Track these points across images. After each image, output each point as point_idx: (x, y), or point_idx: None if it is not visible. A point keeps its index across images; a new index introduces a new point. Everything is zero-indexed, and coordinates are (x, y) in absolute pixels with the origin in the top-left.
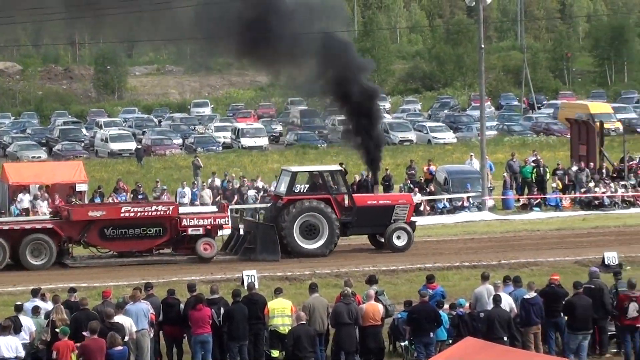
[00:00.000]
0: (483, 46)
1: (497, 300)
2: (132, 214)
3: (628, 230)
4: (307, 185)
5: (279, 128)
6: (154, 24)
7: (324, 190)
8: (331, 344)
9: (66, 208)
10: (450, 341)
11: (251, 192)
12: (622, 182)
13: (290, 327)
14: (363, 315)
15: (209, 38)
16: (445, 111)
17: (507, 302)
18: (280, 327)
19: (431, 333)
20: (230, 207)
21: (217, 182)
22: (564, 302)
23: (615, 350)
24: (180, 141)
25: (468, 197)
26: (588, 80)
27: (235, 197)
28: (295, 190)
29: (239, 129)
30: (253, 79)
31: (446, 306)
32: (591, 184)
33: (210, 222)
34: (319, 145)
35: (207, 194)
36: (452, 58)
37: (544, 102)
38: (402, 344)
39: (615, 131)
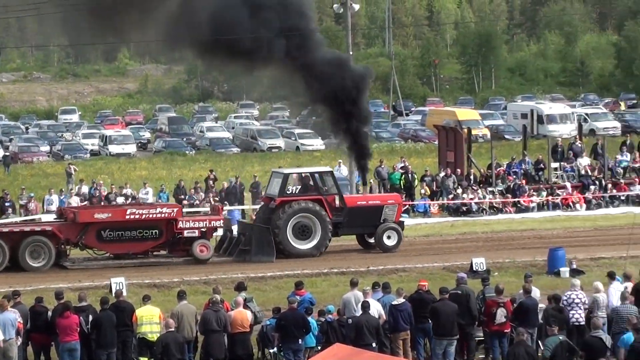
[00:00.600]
0: (351, 53)
1: (365, 306)
2: (137, 216)
3: (496, 237)
4: (299, 187)
5: (147, 135)
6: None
7: (316, 191)
8: (200, 351)
9: (72, 210)
10: (319, 348)
11: (120, 200)
12: (490, 189)
13: (158, 335)
14: (231, 322)
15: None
16: (314, 118)
17: (376, 309)
18: (148, 334)
19: (300, 340)
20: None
21: (85, 189)
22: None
23: (483, 356)
24: (47, 148)
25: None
26: (456, 87)
27: (102, 204)
28: (288, 192)
29: (106, 136)
30: (121, 85)
31: (315, 313)
32: (459, 190)
33: (206, 224)
34: (187, 152)
35: (75, 201)
36: None
37: (412, 109)
38: (271, 350)
39: (483, 138)
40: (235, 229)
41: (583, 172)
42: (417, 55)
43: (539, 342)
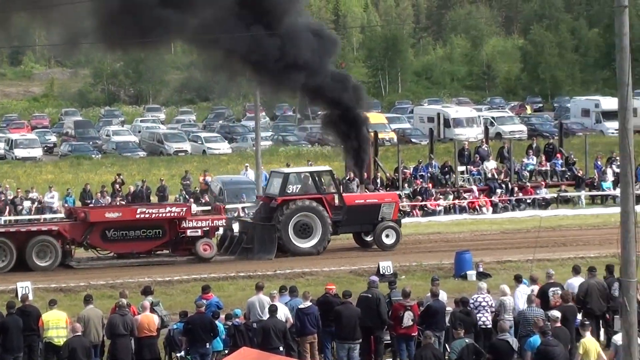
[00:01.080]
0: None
1: (272, 310)
2: (147, 215)
3: (402, 240)
4: (299, 186)
5: (53, 139)
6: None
7: (315, 190)
8: (107, 356)
9: (83, 210)
10: (227, 351)
11: (26, 204)
12: (397, 192)
13: (65, 339)
14: (138, 326)
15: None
16: (220, 122)
17: (283, 312)
18: (55, 338)
19: (207, 344)
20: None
21: None
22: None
23: (390, 359)
24: None
25: (243, 208)
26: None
27: (8, 208)
28: (288, 191)
29: (12, 140)
30: (26, 89)
31: (222, 316)
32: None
33: (208, 223)
34: (93, 156)
35: None
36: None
37: (319, 113)
38: (178, 354)
39: (390, 141)
40: (235, 227)
41: (489, 175)
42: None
43: (446, 345)
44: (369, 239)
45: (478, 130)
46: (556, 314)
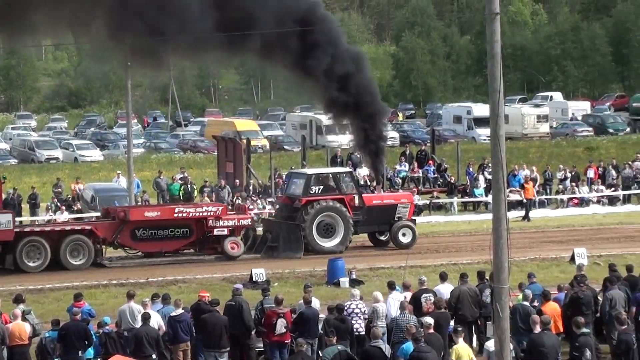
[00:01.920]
0: (130, 63)
1: (145, 317)
2: (184, 215)
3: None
4: (321, 187)
5: None
6: None
7: (337, 191)
8: None
9: (123, 209)
10: (99, 359)
11: None
12: (270, 199)
13: None
14: (9, 334)
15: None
16: (92, 129)
17: (156, 320)
18: None
19: (80, 351)
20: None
21: None
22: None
23: None
24: None
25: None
26: (235, 98)
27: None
28: (311, 192)
29: None
30: None
31: (94, 324)
32: (238, 201)
33: (234, 222)
34: None
35: None
36: (98, 76)
37: (191, 120)
38: None
39: (262, 148)
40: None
41: (362, 182)
42: (197, 65)
43: (319, 352)
44: (383, 238)
45: (350, 137)
46: (429, 320)
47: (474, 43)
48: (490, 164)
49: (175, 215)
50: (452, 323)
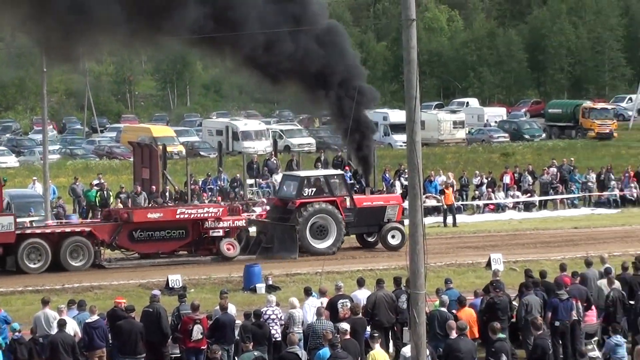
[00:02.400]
0: (45, 70)
1: (61, 324)
2: (186, 216)
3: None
4: (314, 189)
5: None
6: None
7: (329, 193)
8: None
9: (126, 210)
10: None
11: None
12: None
13: None
14: None
15: None
16: (7, 135)
17: (72, 326)
18: None
19: None
20: None
21: None
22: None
23: None
24: None
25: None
26: (151, 104)
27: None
28: (304, 194)
29: None
30: None
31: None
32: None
33: (229, 224)
34: None
35: None
36: (14, 82)
37: (107, 126)
38: None
39: (178, 154)
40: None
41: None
42: (111, 71)
43: (236, 358)
44: (371, 239)
45: (267, 143)
46: (345, 326)
47: (390, 49)
48: (406, 170)
49: (177, 216)
50: (368, 329)
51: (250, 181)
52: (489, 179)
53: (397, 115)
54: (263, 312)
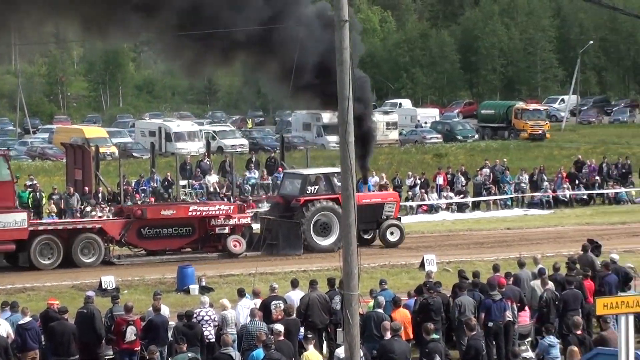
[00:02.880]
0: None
1: None
2: (198, 213)
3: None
4: (316, 187)
5: None
6: None
7: (331, 190)
8: None
9: (140, 207)
10: None
11: None
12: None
13: None
14: None
15: None
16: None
17: (4, 328)
18: None
19: None
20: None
21: None
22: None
23: None
24: None
25: None
26: (83, 105)
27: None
28: (307, 192)
29: None
30: None
31: None
32: (88, 208)
33: (235, 221)
34: None
35: None
36: None
37: (40, 127)
38: None
39: (111, 155)
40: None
41: (211, 189)
42: (44, 72)
43: (169, 359)
44: (368, 237)
45: (200, 144)
46: (279, 327)
47: None
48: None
49: (190, 213)
50: (302, 330)
51: (183, 182)
52: (422, 180)
53: (330, 116)
54: (196, 313)
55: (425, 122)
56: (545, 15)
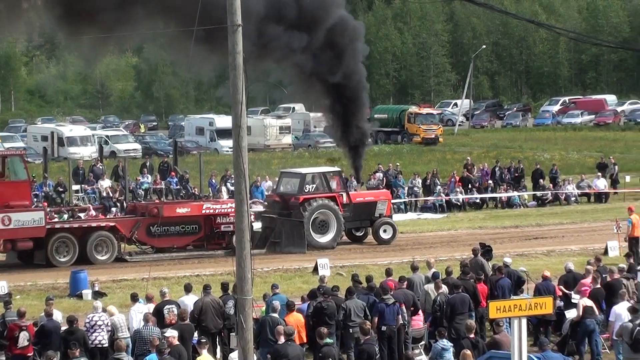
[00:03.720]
0: None
1: None
2: (211, 211)
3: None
4: (314, 186)
5: None
6: None
7: (327, 189)
8: None
9: (156, 205)
10: None
11: None
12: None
13: None
14: None
15: None
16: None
17: None
18: None
19: None
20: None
21: None
22: None
23: None
24: None
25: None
26: None
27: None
28: (305, 190)
29: None
30: None
31: None
32: None
33: None
34: None
35: None
36: None
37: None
38: None
39: None
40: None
41: (104, 194)
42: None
43: None
44: (359, 234)
45: (92, 148)
46: (173, 332)
47: (215, 54)
48: (233, 175)
49: (204, 211)
50: (196, 335)
51: (75, 187)
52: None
53: (224, 121)
54: (89, 318)
55: (315, 127)
56: (438, 19)
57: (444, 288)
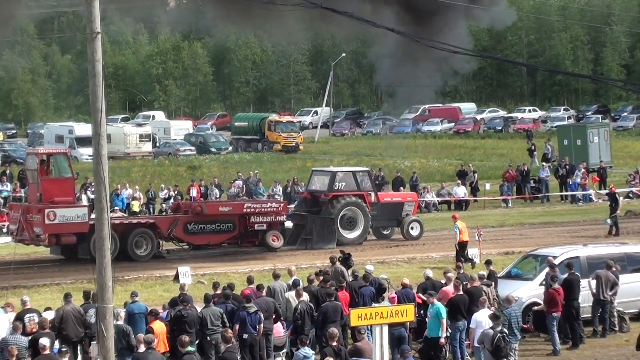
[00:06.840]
0: None
1: None
2: (251, 210)
3: None
4: (343, 184)
5: None
6: None
7: (357, 188)
8: None
9: (200, 204)
10: None
11: None
12: None
13: None
14: None
15: None
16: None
17: None
18: None
19: None
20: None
21: None
22: None
23: None
24: None
25: None
26: None
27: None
28: (335, 188)
29: None
30: None
31: None
32: None
33: (272, 218)
34: None
35: None
36: None
37: None
38: None
39: None
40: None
41: None
42: None
43: None
44: (386, 232)
45: None
46: (43, 342)
47: (75, 62)
48: (93, 184)
49: (245, 210)
50: (57, 343)
51: None
52: (176, 192)
53: (83, 129)
54: None
55: (183, 135)
56: (298, 27)
57: (305, 296)
